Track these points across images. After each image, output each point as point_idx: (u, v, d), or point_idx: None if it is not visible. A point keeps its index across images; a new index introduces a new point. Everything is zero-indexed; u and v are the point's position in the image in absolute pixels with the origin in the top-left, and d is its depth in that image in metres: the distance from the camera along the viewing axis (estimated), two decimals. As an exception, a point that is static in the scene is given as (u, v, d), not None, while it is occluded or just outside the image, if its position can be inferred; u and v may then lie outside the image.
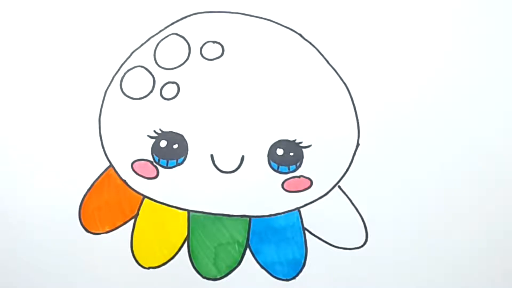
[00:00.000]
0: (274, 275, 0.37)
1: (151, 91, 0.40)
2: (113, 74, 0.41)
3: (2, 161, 0.39)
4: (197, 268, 0.37)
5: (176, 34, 0.41)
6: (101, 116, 0.40)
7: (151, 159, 0.39)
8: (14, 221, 0.38)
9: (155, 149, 0.39)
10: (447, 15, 0.42)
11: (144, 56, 0.41)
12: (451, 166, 0.39)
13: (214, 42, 0.41)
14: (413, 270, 0.38)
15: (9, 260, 0.37)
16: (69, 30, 0.41)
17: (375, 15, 0.42)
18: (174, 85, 0.40)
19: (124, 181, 0.39)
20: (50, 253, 0.37)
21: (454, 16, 0.42)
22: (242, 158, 0.39)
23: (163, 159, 0.39)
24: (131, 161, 0.39)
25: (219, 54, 0.41)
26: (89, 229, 0.38)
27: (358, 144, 0.40)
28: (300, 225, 0.38)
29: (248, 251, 0.38)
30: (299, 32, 0.41)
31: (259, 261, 0.38)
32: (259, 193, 0.39)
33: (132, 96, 0.40)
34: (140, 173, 0.39)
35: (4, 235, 0.37)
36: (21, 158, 0.39)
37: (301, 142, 0.40)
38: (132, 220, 0.38)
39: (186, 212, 0.38)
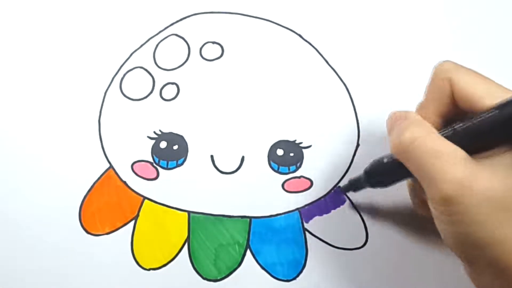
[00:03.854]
0: (275, 275, 0.37)
1: (151, 92, 0.40)
2: (113, 75, 0.41)
3: (2, 162, 0.39)
4: (197, 269, 0.37)
5: (176, 35, 0.41)
6: (101, 118, 0.40)
7: (151, 160, 0.39)
8: (14, 221, 0.37)
9: (155, 150, 0.39)
10: (448, 16, 0.42)
11: (143, 57, 0.41)
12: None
13: (213, 42, 0.41)
14: (413, 270, 0.38)
15: (9, 261, 0.37)
16: (68, 31, 0.41)
17: (375, 16, 0.42)
18: (174, 86, 0.40)
19: (124, 182, 0.39)
20: (50, 254, 0.37)
21: (454, 17, 0.42)
22: (242, 159, 0.39)
23: (163, 160, 0.39)
24: (131, 162, 0.39)
25: (219, 55, 0.41)
26: (89, 231, 0.38)
27: (358, 144, 0.40)
28: (301, 226, 0.38)
29: (248, 252, 0.38)
30: (298, 33, 0.41)
31: (260, 262, 0.37)
32: (260, 194, 0.39)
33: (131, 97, 0.40)
34: (140, 174, 0.39)
35: (4, 236, 0.37)
36: (20, 159, 0.39)
37: (301, 143, 0.40)
38: (133, 222, 0.38)
39: (186, 213, 0.38)
